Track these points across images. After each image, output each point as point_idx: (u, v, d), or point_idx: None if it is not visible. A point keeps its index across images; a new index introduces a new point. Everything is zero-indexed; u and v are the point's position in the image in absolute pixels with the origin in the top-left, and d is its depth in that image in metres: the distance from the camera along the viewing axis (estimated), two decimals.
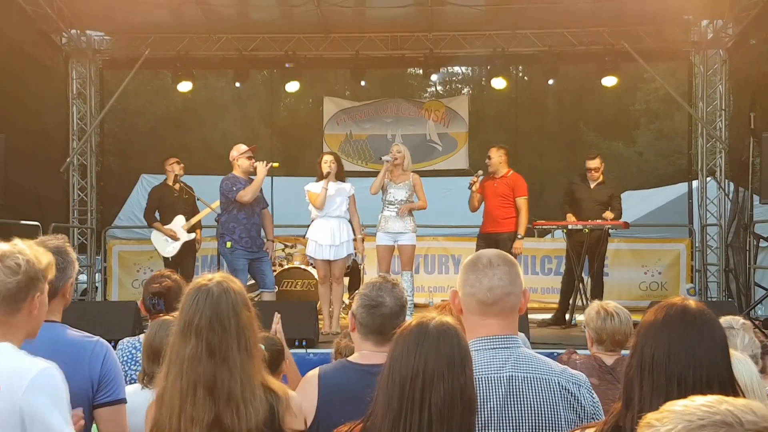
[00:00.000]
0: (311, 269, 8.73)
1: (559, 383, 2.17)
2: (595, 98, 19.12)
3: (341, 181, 7.57)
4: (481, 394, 2.02)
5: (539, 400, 2.14)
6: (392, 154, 7.69)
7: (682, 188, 11.92)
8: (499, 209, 8.13)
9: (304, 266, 9.04)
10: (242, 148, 7.56)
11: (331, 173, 7.40)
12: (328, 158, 7.55)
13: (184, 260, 8.71)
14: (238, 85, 11.72)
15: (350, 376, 2.56)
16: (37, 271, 2.23)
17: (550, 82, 11.63)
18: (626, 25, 10.01)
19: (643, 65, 10.46)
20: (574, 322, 8.21)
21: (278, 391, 2.29)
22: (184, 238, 8.75)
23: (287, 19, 10.29)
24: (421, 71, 13.10)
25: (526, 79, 19.53)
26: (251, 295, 8.20)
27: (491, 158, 8.28)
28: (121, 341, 3.85)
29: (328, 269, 7.50)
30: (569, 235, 8.32)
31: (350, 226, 7.55)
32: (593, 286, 8.36)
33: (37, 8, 9.48)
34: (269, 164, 7.42)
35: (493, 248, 2.43)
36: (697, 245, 10.67)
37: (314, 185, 7.54)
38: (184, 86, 11.00)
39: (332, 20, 10.17)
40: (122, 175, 14.51)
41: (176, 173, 8.80)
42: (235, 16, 10.26)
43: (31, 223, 8.56)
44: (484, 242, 7.94)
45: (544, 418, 2.13)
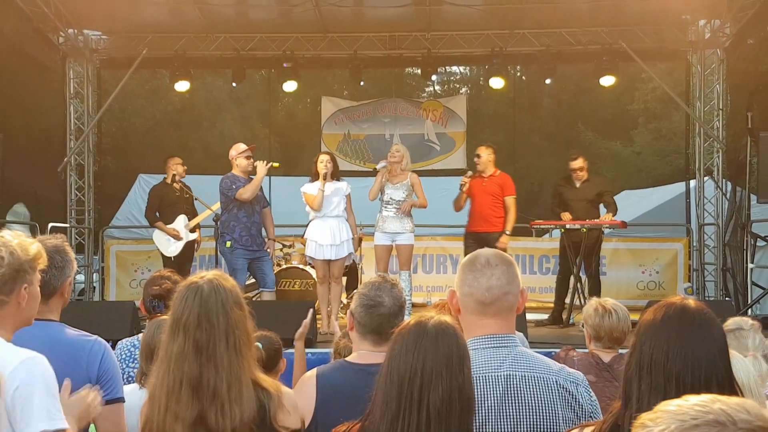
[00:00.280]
0: (309, 269, 8.72)
1: (557, 382, 2.17)
2: (592, 98, 19.12)
3: (337, 180, 7.56)
4: (478, 392, 2.02)
5: (537, 398, 2.14)
6: (390, 154, 7.70)
7: (679, 188, 11.92)
8: (490, 208, 8.11)
9: (302, 266, 9.03)
10: (241, 147, 7.56)
11: (327, 173, 7.40)
12: (323, 158, 7.53)
13: (184, 260, 8.70)
14: (235, 85, 11.69)
15: (348, 375, 2.56)
16: (23, 262, 2.21)
17: (547, 81, 11.63)
18: (624, 24, 10.01)
19: (640, 65, 10.45)
20: (572, 321, 8.22)
21: (270, 388, 2.27)
22: (186, 237, 8.74)
23: (285, 18, 10.27)
24: (419, 71, 13.06)
25: (524, 78, 19.49)
26: (249, 294, 8.22)
27: (480, 157, 8.28)
28: (120, 341, 3.85)
29: (327, 269, 7.49)
30: (567, 234, 8.32)
31: (348, 225, 7.56)
32: (591, 285, 8.36)
33: (34, 7, 9.45)
34: (269, 164, 7.41)
35: (485, 248, 2.42)
36: (694, 244, 10.69)
37: (310, 186, 7.52)
38: (181, 86, 10.97)
39: (330, 20, 10.16)
40: (120, 174, 14.44)
41: (177, 173, 8.77)
42: (233, 15, 10.24)
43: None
44: (473, 241, 7.87)
45: (541, 416, 2.13)
